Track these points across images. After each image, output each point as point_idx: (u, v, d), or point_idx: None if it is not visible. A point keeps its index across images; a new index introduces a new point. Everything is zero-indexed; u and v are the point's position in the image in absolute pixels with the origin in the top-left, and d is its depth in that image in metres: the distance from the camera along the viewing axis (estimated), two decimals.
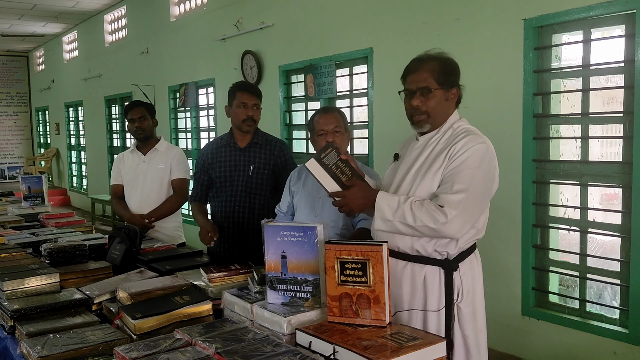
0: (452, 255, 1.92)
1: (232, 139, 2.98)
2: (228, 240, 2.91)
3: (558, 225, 3.45)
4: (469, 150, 1.84)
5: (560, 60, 3.40)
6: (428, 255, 1.92)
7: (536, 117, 3.42)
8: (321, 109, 2.59)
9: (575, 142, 3.34)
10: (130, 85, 8.39)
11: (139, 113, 3.49)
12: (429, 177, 1.89)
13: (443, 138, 1.95)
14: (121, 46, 9.28)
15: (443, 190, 1.83)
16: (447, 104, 1.96)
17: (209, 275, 2.03)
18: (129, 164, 3.59)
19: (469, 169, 1.82)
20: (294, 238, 1.68)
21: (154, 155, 3.54)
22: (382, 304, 1.53)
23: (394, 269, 1.94)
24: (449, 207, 1.78)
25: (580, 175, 3.27)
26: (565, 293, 3.53)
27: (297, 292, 1.69)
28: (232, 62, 6.22)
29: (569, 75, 3.35)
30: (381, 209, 1.86)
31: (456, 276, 1.91)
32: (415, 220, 1.80)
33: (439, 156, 1.90)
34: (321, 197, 2.49)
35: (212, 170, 2.98)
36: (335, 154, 1.95)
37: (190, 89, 7.11)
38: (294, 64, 5.42)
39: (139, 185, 3.53)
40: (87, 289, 2.07)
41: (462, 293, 1.92)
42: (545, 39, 3.39)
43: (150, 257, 2.55)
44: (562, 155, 3.44)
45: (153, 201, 3.46)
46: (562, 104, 3.42)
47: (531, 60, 3.40)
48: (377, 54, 4.51)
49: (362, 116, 4.95)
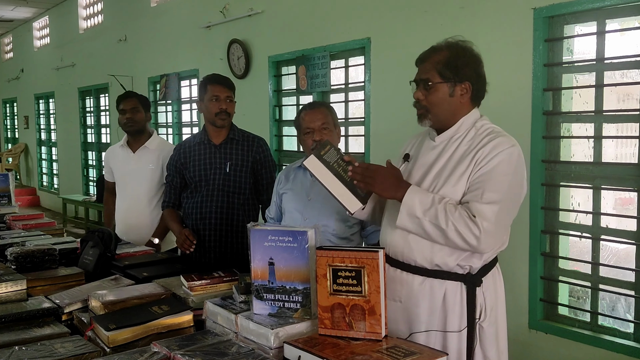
0: (476, 269, 1.89)
1: (205, 135, 2.98)
2: (204, 244, 2.91)
3: (568, 232, 3.46)
4: (500, 155, 1.81)
5: (572, 53, 3.42)
6: (449, 270, 1.88)
7: (546, 114, 3.44)
8: (307, 105, 2.59)
9: (588, 142, 3.36)
10: (107, 75, 8.35)
11: (132, 104, 3.49)
12: (452, 182, 1.86)
13: (465, 139, 1.92)
14: (97, 33, 9.24)
15: (473, 198, 1.79)
16: (452, 101, 1.93)
17: (190, 283, 2.03)
18: (119, 160, 3.58)
19: (501, 176, 1.80)
20: (282, 243, 1.68)
21: (144, 153, 3.53)
22: (377, 315, 1.53)
23: (410, 286, 1.92)
24: (481, 218, 1.75)
25: (593, 178, 3.29)
26: (575, 305, 3.55)
27: (286, 302, 1.69)
28: (218, 51, 6.21)
29: (582, 70, 3.37)
30: (411, 204, 1.82)
31: (479, 292, 1.88)
32: (448, 224, 1.76)
33: (463, 159, 1.87)
34: (311, 198, 2.49)
35: (185, 171, 2.97)
36: (335, 152, 1.94)
37: (172, 81, 7.09)
38: (285, 55, 5.41)
39: (127, 186, 3.52)
40: (56, 297, 2.06)
41: (485, 311, 1.90)
42: (557, 30, 3.40)
43: (126, 262, 2.54)
44: (573, 156, 3.45)
45: (142, 206, 3.45)
46: (574, 101, 3.44)
47: (541, 53, 3.41)
48: (375, 44, 4.51)
49: (359, 112, 4.96)
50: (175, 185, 3.04)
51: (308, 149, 2.44)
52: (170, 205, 3.06)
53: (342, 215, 2.39)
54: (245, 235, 2.85)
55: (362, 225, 2.52)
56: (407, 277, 1.92)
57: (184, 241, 2.79)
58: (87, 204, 8.82)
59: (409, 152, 2.09)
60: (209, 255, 2.91)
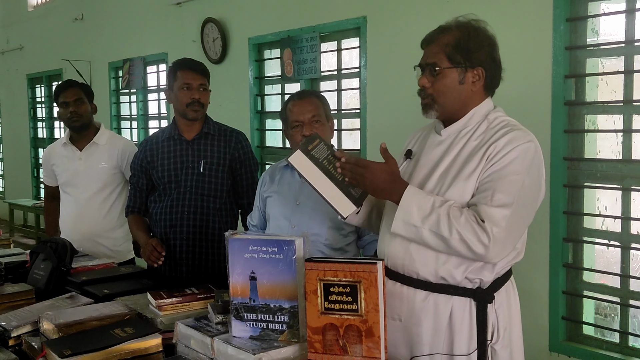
0: (487, 283, 1.88)
1: (176, 130, 2.97)
2: (174, 256, 2.90)
3: (594, 240, 3.48)
4: (514, 151, 1.81)
5: (598, 34, 3.43)
6: (456, 284, 1.88)
7: (568, 105, 3.46)
8: (295, 94, 2.59)
9: (616, 137, 3.38)
10: (60, 60, 8.30)
11: (74, 95, 3.46)
12: (460, 181, 1.86)
13: (476, 133, 1.92)
14: (48, 11, 9.18)
15: (482, 200, 1.79)
16: (462, 89, 1.93)
17: (159, 302, 2.02)
18: (62, 161, 3.56)
19: (515, 176, 1.80)
20: (265, 255, 1.67)
21: (93, 150, 3.51)
22: (376, 337, 1.53)
23: (412, 302, 1.91)
24: (491, 223, 1.74)
25: (622, 178, 3.31)
26: (602, 323, 3.57)
27: (270, 322, 1.69)
28: (190, 32, 6.19)
29: (609, 54, 3.39)
30: (407, 210, 1.81)
31: (490, 310, 1.88)
32: (452, 232, 1.75)
33: (473, 156, 1.87)
34: (300, 203, 2.49)
35: (153, 171, 2.96)
36: (324, 147, 1.93)
37: (137, 67, 7.06)
38: (268, 36, 5.41)
39: (74, 190, 3.50)
40: (2, 318, 2.04)
41: (498, 331, 1.90)
42: (580, 8, 3.42)
43: (84, 278, 2.52)
44: (599, 153, 3.47)
45: (94, 211, 3.44)
46: (600, 89, 3.46)
47: (562, 35, 3.43)
48: (371, 24, 4.52)
49: (353, 102, 4.96)
50: (141, 188, 3.03)
51: (296, 145, 2.44)
52: (135, 210, 3.05)
53: (336, 222, 2.39)
54: (222, 246, 2.82)
55: (358, 234, 2.52)
56: (408, 292, 1.92)
57: (151, 253, 2.77)
58: (38, 210, 8.74)
59: (412, 148, 2.09)
60: (181, 269, 2.90)
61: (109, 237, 3.46)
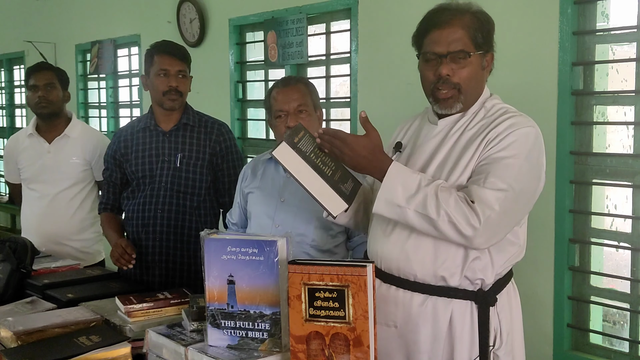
0: (488, 285, 1.90)
1: (152, 120, 2.96)
2: (146, 258, 2.89)
3: (602, 241, 3.50)
4: (512, 135, 1.83)
5: (608, 18, 3.45)
6: (457, 286, 1.89)
7: (575, 94, 3.47)
8: (280, 81, 2.59)
9: (627, 129, 3.40)
10: (22, 42, 8.24)
11: (46, 79, 3.45)
12: (457, 171, 1.88)
13: (474, 121, 1.94)
14: None
15: (475, 181, 1.81)
16: (482, 75, 1.97)
17: (128, 307, 2.02)
18: (28, 153, 3.53)
19: (512, 159, 1.81)
20: (245, 256, 1.67)
21: (64, 144, 3.49)
22: (365, 347, 1.53)
23: (408, 307, 1.92)
24: (482, 205, 1.75)
25: (634, 174, 3.33)
26: (611, 331, 3.59)
27: (250, 330, 1.69)
28: (165, 13, 6.17)
29: (620, 40, 3.41)
30: (391, 188, 1.81)
31: (493, 313, 1.90)
32: (439, 213, 1.75)
33: (471, 144, 1.89)
34: (285, 200, 2.49)
35: (127, 164, 2.95)
36: (311, 139, 1.93)
37: (106, 50, 7.03)
38: (250, 17, 5.40)
39: (41, 186, 3.48)
40: None
41: (501, 336, 1.91)
42: None
43: (46, 281, 2.52)
44: (609, 147, 3.49)
45: (61, 210, 3.42)
46: (610, 78, 3.47)
47: (569, 19, 3.44)
48: (363, 5, 4.51)
49: (343, 90, 4.96)
50: (115, 183, 3.02)
51: (281, 137, 2.44)
52: (108, 208, 3.04)
53: (323, 221, 2.39)
54: (199, 247, 2.83)
55: (347, 235, 2.53)
56: (405, 296, 1.93)
57: (120, 255, 2.76)
58: None
59: (401, 140, 2.10)
60: (153, 272, 2.90)
61: (76, 239, 3.45)
